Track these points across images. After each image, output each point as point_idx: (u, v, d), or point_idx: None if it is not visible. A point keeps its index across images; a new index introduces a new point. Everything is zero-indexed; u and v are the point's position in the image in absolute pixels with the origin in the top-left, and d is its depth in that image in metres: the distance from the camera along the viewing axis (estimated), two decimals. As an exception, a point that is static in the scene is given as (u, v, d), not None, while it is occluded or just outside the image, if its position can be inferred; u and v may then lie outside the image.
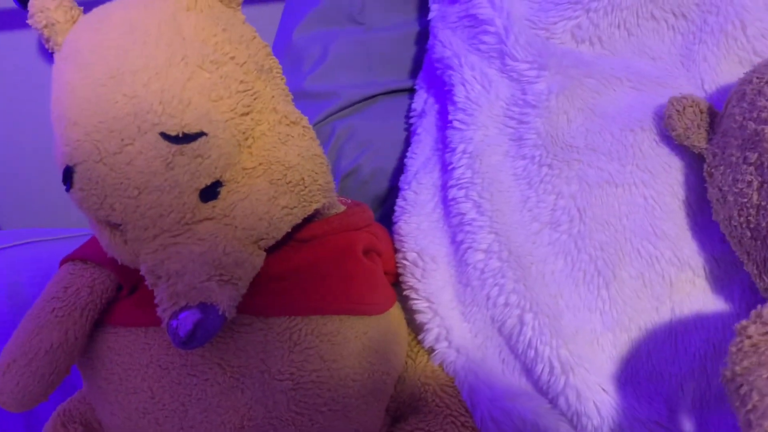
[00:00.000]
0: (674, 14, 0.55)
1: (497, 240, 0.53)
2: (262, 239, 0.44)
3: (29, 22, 0.44)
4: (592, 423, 0.49)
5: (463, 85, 0.59)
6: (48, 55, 1.04)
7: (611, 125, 0.54)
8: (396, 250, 0.58)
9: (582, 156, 0.53)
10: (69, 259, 0.48)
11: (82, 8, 0.45)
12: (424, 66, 0.69)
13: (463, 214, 0.55)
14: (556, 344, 0.50)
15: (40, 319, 0.45)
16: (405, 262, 0.56)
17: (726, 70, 0.53)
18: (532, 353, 0.51)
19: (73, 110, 0.40)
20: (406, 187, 0.61)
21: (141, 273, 0.42)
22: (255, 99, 0.42)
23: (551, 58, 0.56)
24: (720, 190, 0.46)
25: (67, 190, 0.41)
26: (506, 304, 0.52)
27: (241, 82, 0.42)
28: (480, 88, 0.58)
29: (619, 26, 0.56)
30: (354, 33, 0.75)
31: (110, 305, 0.47)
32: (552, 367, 0.50)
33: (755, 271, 0.45)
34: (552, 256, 0.53)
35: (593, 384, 0.50)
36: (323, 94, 0.73)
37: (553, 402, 0.51)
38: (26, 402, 0.44)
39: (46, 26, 0.44)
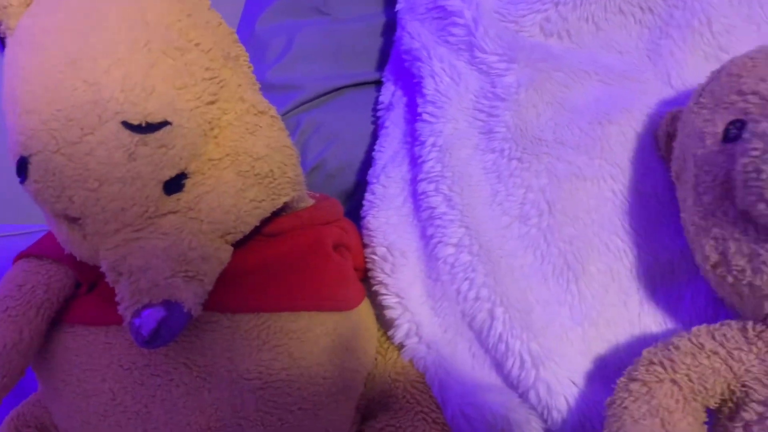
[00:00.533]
0: (641, 8, 0.56)
1: (468, 234, 0.53)
2: (230, 233, 0.42)
3: (-21, 5, 0.42)
4: (563, 416, 0.49)
5: (432, 77, 0.58)
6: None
7: (579, 119, 0.54)
8: (365, 245, 0.57)
9: (551, 149, 0.53)
10: (23, 255, 0.46)
11: None
12: (392, 58, 0.68)
13: (433, 207, 0.55)
14: (527, 338, 0.50)
15: (-7, 318, 0.43)
16: (374, 257, 0.56)
17: (692, 64, 0.54)
18: (502, 347, 0.50)
19: (27, 97, 0.38)
20: (374, 180, 0.60)
21: (101, 269, 0.40)
22: (221, 87, 0.41)
23: (520, 51, 0.56)
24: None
25: (22, 182, 0.39)
26: (477, 299, 0.52)
27: (207, 69, 0.40)
28: (449, 81, 0.58)
29: (587, 20, 0.56)
30: (319, 24, 0.73)
31: (68, 303, 0.45)
32: (522, 361, 0.50)
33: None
34: (521, 249, 0.53)
35: (563, 378, 0.49)
36: (288, 86, 0.72)
37: (523, 396, 0.51)
38: None
39: (-2, 9, 0.41)
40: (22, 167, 0.39)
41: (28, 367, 0.45)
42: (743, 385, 0.39)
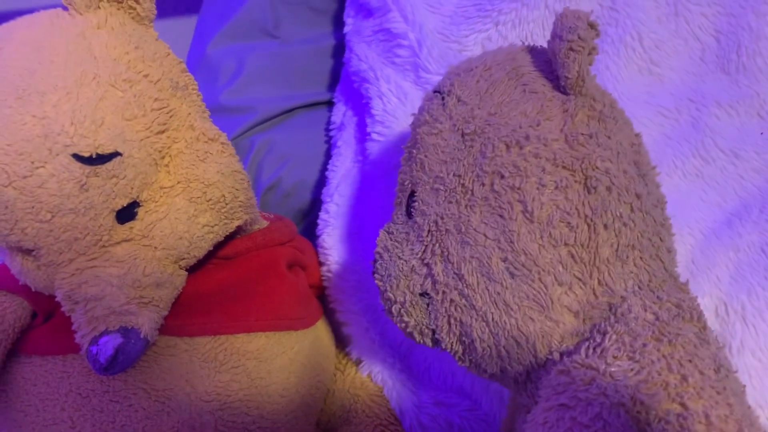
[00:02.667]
0: (577, 26, 0.58)
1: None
2: (183, 259, 0.43)
3: (-75, 42, 0.42)
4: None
5: (380, 98, 0.60)
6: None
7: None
8: (320, 263, 0.58)
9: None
10: (-23, 288, 0.46)
11: None
12: (342, 79, 0.69)
13: (385, 225, 0.56)
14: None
15: (-52, 352, 0.43)
16: (329, 274, 0.57)
17: (627, 77, 0.57)
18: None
19: (-23, 133, 0.38)
20: (328, 199, 0.61)
21: (57, 299, 0.41)
22: (171, 116, 0.42)
23: (463, 70, 0.58)
24: None
25: None
26: (430, 311, 0.53)
27: (156, 99, 0.41)
28: (396, 101, 0.59)
29: (526, 38, 0.58)
30: (269, 47, 0.75)
31: (23, 334, 0.45)
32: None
33: None
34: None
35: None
36: (240, 108, 0.72)
37: (477, 403, 0.52)
38: None
39: (-56, 46, 0.41)
40: None
41: (-15, 399, 0.45)
42: None
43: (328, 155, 0.67)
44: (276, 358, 0.46)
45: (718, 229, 0.51)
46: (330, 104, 0.71)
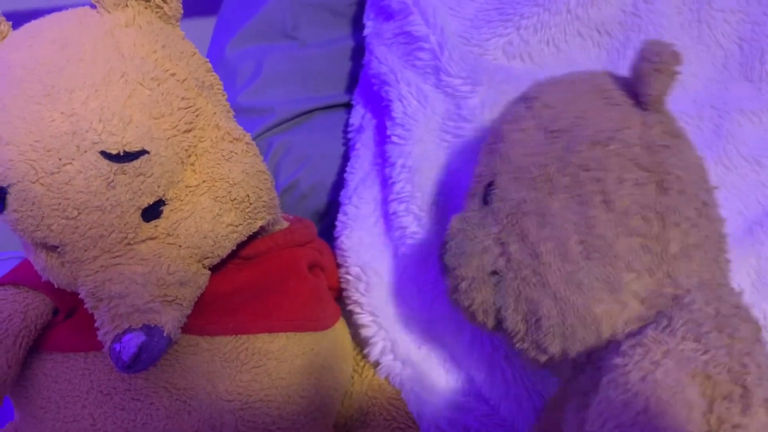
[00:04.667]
0: (599, 32, 0.58)
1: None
2: (207, 258, 0.43)
3: (-46, 38, 0.42)
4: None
5: (400, 100, 0.60)
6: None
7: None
8: (339, 265, 0.58)
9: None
10: (-1, 284, 0.46)
11: (11, 23, 0.44)
12: (360, 81, 0.69)
13: (405, 227, 0.56)
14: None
15: (-30, 347, 0.43)
16: (348, 276, 0.57)
17: (648, 84, 0.56)
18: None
19: (5, 129, 0.38)
20: (346, 201, 0.61)
21: (80, 296, 0.41)
22: (197, 116, 0.42)
23: (484, 73, 0.58)
24: None
25: (0, 212, 0.39)
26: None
27: (183, 98, 0.41)
28: (416, 104, 0.59)
29: (548, 43, 0.58)
30: (288, 49, 0.75)
31: (45, 331, 0.45)
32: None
33: None
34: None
35: (534, 392, 0.51)
36: (258, 109, 0.73)
37: (495, 409, 0.52)
38: None
39: (-28, 42, 0.42)
40: (1, 197, 0.39)
41: (5, 396, 0.45)
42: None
43: (345, 157, 0.68)
44: (296, 359, 0.46)
45: (739, 237, 0.51)
46: (348, 106, 0.71)
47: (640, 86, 0.40)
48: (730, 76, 0.57)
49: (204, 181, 0.42)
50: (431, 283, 0.54)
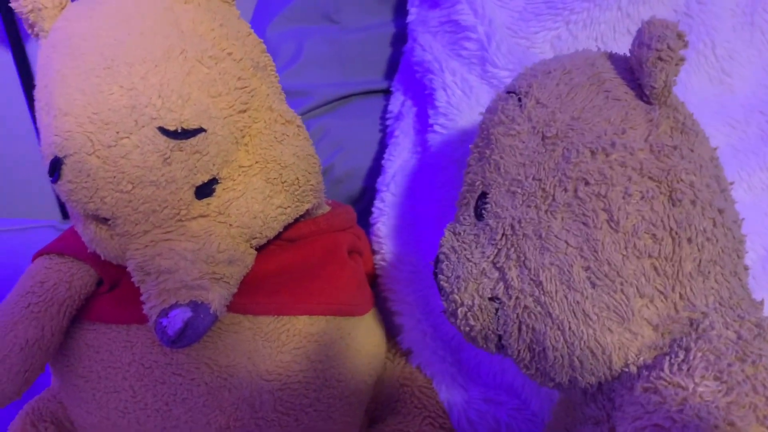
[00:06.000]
0: (648, 31, 0.57)
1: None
2: (255, 238, 0.43)
3: (13, 5, 0.42)
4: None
5: (444, 89, 0.59)
6: (2, 36, 1.00)
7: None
8: (374, 252, 0.58)
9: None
10: (44, 252, 0.47)
11: None
12: (401, 68, 0.69)
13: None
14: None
15: (15, 314, 0.43)
16: (383, 263, 0.57)
17: (696, 85, 0.56)
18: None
19: (63, 100, 0.39)
20: (383, 188, 0.61)
21: (128, 269, 0.41)
22: (252, 96, 0.42)
23: (530, 67, 0.57)
24: None
25: (54, 181, 0.40)
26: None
27: (239, 78, 0.41)
28: (461, 94, 0.59)
29: (596, 39, 0.58)
30: (328, 32, 0.75)
31: (88, 301, 0.46)
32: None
33: None
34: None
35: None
36: (296, 91, 0.73)
37: (526, 403, 0.52)
38: None
39: (32, 11, 0.42)
40: (55, 167, 0.39)
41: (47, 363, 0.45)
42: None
43: (382, 144, 0.67)
44: (334, 343, 0.46)
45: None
46: (386, 93, 0.71)
47: (642, 77, 0.36)
48: (780, 82, 0.56)
49: (257, 162, 0.42)
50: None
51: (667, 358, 0.33)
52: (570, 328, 0.35)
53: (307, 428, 0.45)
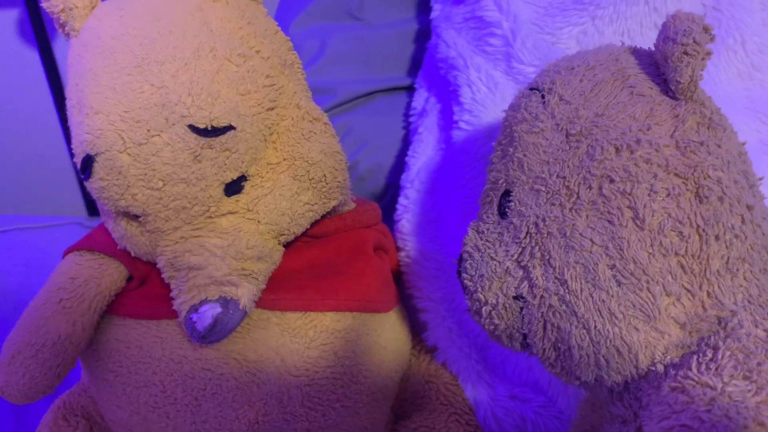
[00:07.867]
0: (676, 25, 0.57)
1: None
2: (283, 234, 0.43)
3: (44, 5, 0.43)
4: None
5: (469, 86, 0.59)
6: (29, 35, 1.01)
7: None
8: (399, 249, 0.58)
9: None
10: (75, 249, 0.47)
11: None
12: (425, 65, 0.69)
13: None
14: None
15: (47, 310, 0.44)
16: (408, 260, 0.57)
17: (725, 80, 0.55)
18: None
19: (95, 98, 0.39)
20: (408, 185, 0.61)
21: (158, 265, 0.41)
22: (280, 94, 0.42)
23: (555, 62, 0.57)
24: None
25: (86, 179, 0.40)
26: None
27: (267, 76, 0.41)
28: (486, 90, 0.59)
29: (623, 34, 0.57)
30: (352, 29, 0.75)
31: (118, 297, 0.46)
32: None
33: None
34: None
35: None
36: (320, 89, 0.73)
37: (552, 400, 0.52)
38: (32, 394, 0.42)
39: (63, 11, 0.42)
40: (87, 165, 0.40)
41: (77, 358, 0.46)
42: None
43: (406, 141, 0.67)
44: (361, 339, 0.46)
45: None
46: (410, 89, 0.71)
47: (667, 72, 0.35)
48: (812, 76, 0.55)
49: (284, 159, 0.43)
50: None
51: (695, 357, 0.33)
52: (596, 326, 0.35)
53: (334, 423, 0.45)
